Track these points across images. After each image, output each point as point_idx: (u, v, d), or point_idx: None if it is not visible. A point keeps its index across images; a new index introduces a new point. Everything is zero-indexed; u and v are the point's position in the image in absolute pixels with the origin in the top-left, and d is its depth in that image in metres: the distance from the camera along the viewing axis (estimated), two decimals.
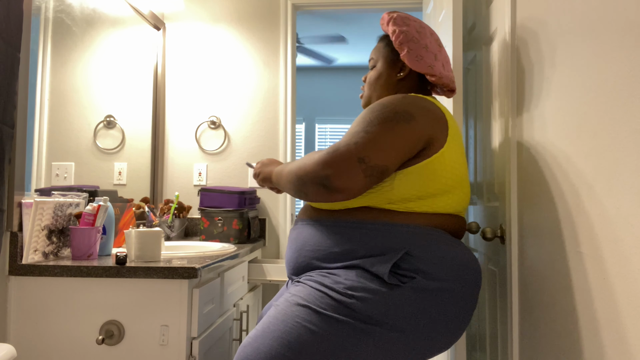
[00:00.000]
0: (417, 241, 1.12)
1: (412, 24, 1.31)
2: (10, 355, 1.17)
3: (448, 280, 1.11)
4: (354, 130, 1.13)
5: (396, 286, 1.08)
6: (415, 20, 1.34)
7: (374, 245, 1.12)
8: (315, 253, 1.18)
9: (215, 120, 2.66)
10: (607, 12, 0.93)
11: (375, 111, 1.15)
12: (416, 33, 1.29)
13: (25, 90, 1.53)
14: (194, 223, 2.62)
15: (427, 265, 1.10)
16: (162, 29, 2.65)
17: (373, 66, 1.39)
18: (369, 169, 1.08)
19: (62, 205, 1.62)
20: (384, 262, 1.09)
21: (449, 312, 1.11)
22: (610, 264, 0.91)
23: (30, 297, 1.47)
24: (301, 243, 1.23)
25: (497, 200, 1.64)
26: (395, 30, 1.30)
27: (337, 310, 1.06)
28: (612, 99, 0.90)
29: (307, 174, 1.10)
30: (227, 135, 2.66)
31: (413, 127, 1.13)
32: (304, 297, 1.10)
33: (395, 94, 1.23)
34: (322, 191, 1.09)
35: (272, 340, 1.07)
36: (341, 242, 1.15)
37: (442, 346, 1.14)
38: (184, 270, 1.42)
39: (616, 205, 0.88)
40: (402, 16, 1.33)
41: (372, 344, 1.05)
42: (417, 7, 2.66)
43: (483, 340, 1.91)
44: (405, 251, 1.10)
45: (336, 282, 1.10)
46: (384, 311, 1.06)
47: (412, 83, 1.35)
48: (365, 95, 1.39)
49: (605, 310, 0.93)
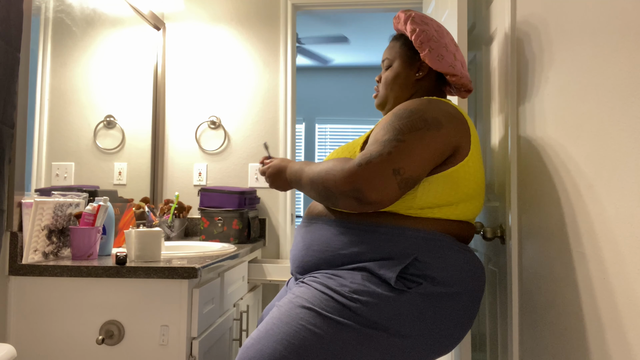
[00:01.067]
0: (427, 247, 1.10)
1: (431, 23, 1.29)
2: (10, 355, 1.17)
3: (454, 286, 1.10)
4: (384, 138, 1.09)
5: (402, 291, 1.06)
6: (432, 19, 1.32)
7: (384, 249, 1.10)
8: (322, 253, 1.16)
9: (215, 120, 2.66)
10: (607, 12, 0.93)
11: (404, 118, 1.11)
12: (435, 32, 1.27)
13: (25, 90, 1.53)
14: (194, 223, 2.62)
15: (435, 272, 1.08)
16: (162, 29, 2.65)
17: (388, 66, 1.35)
18: (404, 180, 1.05)
19: (62, 205, 1.62)
20: (392, 266, 1.08)
21: (454, 318, 1.10)
22: (610, 264, 0.91)
23: (30, 297, 1.47)
24: (309, 241, 1.21)
25: (497, 200, 1.64)
26: (415, 29, 1.27)
27: (342, 314, 1.05)
28: (612, 99, 0.90)
29: (337, 187, 1.07)
30: (227, 135, 2.66)
31: (442, 135, 1.10)
32: (309, 299, 1.09)
33: (420, 98, 1.20)
34: (354, 204, 1.06)
35: (275, 343, 1.06)
36: (350, 244, 1.13)
37: (445, 350, 1.13)
38: (184, 270, 1.42)
39: (616, 205, 0.88)
40: (420, 15, 1.30)
41: (376, 348, 1.04)
42: (417, 7, 2.66)
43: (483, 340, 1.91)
44: (415, 257, 1.09)
45: (341, 284, 1.08)
46: (389, 316, 1.04)
47: (429, 83, 1.33)
48: (381, 95, 1.36)
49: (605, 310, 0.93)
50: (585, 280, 1.01)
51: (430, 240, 1.11)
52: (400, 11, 1.35)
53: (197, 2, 2.70)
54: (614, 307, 0.89)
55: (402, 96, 1.33)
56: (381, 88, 1.36)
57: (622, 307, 0.86)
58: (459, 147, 1.14)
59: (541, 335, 1.26)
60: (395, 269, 1.07)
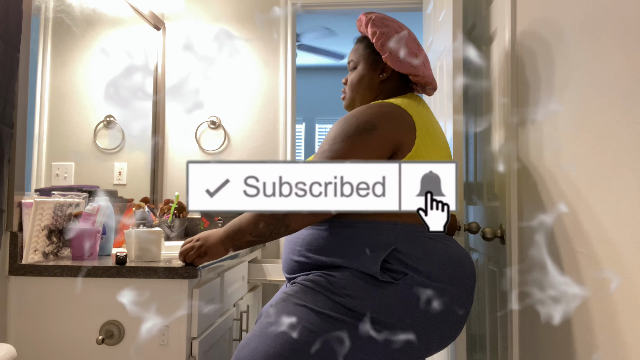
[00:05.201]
0: (405, 238, 1.13)
1: (392, 25, 1.31)
2: (10, 355, 1.17)
3: (440, 277, 1.11)
4: (322, 149, 1.17)
5: (389, 283, 1.09)
6: (394, 20, 1.34)
7: (364, 243, 1.13)
8: (308, 252, 1.19)
9: (215, 120, 2.65)
10: (606, 12, 0.93)
11: (340, 126, 1.18)
12: (395, 34, 1.29)
13: (25, 90, 1.53)
14: (194, 223, 2.62)
15: (416, 262, 1.11)
16: (162, 29, 2.65)
17: (353, 68, 1.39)
18: None
19: (62, 205, 1.62)
20: (373, 259, 1.11)
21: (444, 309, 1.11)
22: (609, 264, 0.91)
23: (30, 297, 1.47)
24: (294, 243, 1.24)
25: (497, 200, 1.64)
26: (375, 31, 1.30)
27: (334, 309, 1.07)
28: (612, 99, 0.90)
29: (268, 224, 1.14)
30: (227, 135, 2.66)
31: (375, 136, 1.15)
32: (301, 297, 1.11)
33: (368, 103, 1.24)
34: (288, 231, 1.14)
35: (269, 340, 1.07)
36: (333, 241, 1.16)
37: (440, 344, 1.14)
38: (184, 270, 1.42)
39: (616, 205, 0.88)
40: (381, 17, 1.32)
41: (369, 341, 1.06)
42: (417, 7, 2.66)
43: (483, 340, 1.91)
44: (393, 248, 1.11)
45: (331, 282, 1.11)
46: (379, 309, 1.07)
47: (394, 83, 1.35)
48: (348, 97, 1.39)
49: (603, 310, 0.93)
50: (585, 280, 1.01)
51: (406, 230, 1.13)
52: (362, 14, 1.37)
53: (197, 2, 2.70)
54: (612, 307, 0.89)
55: (367, 97, 1.36)
56: (348, 90, 1.40)
57: (620, 307, 0.86)
58: (400, 144, 1.17)
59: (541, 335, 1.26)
60: (377, 262, 1.10)
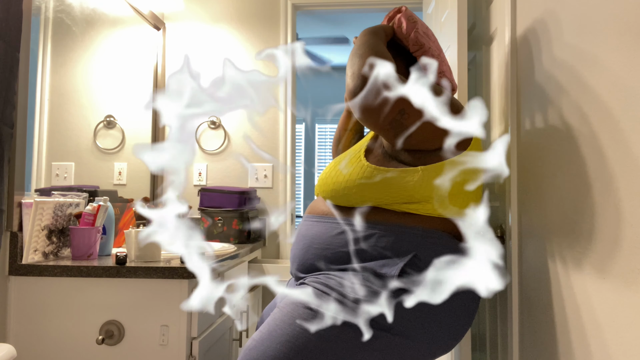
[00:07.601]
0: (425, 245, 1.10)
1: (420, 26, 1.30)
2: (10, 355, 1.17)
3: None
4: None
5: (403, 290, 1.07)
6: (422, 22, 1.33)
7: (384, 247, 1.10)
8: (323, 252, 1.17)
9: (215, 120, 2.66)
10: (606, 12, 0.93)
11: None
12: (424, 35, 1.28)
13: (25, 90, 1.53)
14: (194, 223, 2.62)
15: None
16: (162, 29, 2.65)
17: None
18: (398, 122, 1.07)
19: (62, 205, 1.62)
20: (392, 265, 1.08)
21: (455, 316, 1.11)
22: (610, 264, 0.91)
23: (30, 297, 1.47)
24: (309, 240, 1.21)
25: (497, 200, 1.63)
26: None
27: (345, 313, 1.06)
28: (612, 98, 0.90)
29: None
30: (227, 135, 2.66)
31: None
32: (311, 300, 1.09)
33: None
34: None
35: (278, 344, 1.06)
36: (350, 242, 1.13)
37: (445, 349, 1.13)
38: (184, 270, 1.42)
39: (616, 205, 0.88)
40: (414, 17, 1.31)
41: (378, 348, 1.04)
42: (417, 7, 2.66)
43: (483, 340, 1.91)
44: (414, 254, 1.09)
45: (342, 285, 1.08)
46: (392, 314, 1.04)
47: None
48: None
49: (604, 310, 0.93)
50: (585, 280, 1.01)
51: (428, 237, 1.11)
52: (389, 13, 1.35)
53: (197, 2, 2.70)
54: (614, 308, 0.89)
55: None
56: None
57: (622, 308, 0.86)
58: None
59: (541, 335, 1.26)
60: (396, 268, 1.07)
